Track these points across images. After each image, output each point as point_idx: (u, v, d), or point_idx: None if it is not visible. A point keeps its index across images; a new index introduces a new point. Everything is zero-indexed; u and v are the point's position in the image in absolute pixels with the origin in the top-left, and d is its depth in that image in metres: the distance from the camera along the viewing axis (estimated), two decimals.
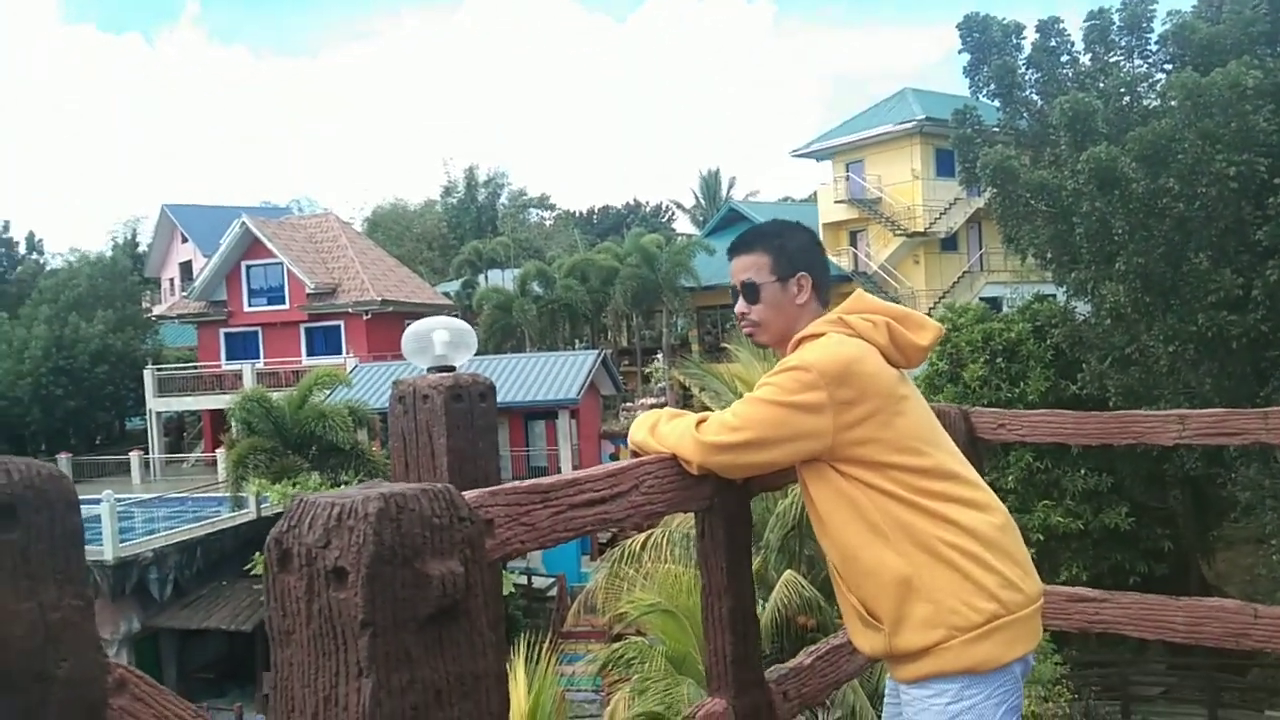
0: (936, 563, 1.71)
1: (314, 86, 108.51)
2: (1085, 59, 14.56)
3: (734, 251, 2.11)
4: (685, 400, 30.92)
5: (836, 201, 36.48)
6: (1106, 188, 11.42)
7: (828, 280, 2.05)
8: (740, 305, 2.05)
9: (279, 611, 1.16)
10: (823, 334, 1.86)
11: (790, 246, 2.04)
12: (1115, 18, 14.09)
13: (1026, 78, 14.82)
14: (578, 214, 69.36)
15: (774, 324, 2.01)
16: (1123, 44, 14.15)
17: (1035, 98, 14.74)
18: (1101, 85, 13.38)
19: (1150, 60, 14.14)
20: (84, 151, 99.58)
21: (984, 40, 14.81)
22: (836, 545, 1.78)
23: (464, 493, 1.25)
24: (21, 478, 1.46)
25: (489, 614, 1.25)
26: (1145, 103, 13.39)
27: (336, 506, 1.11)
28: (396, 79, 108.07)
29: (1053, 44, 14.66)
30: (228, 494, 21.70)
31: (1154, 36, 13.98)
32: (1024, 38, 14.90)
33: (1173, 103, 11.71)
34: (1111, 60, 14.10)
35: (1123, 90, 13.23)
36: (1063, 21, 14.63)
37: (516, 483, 1.41)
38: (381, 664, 1.08)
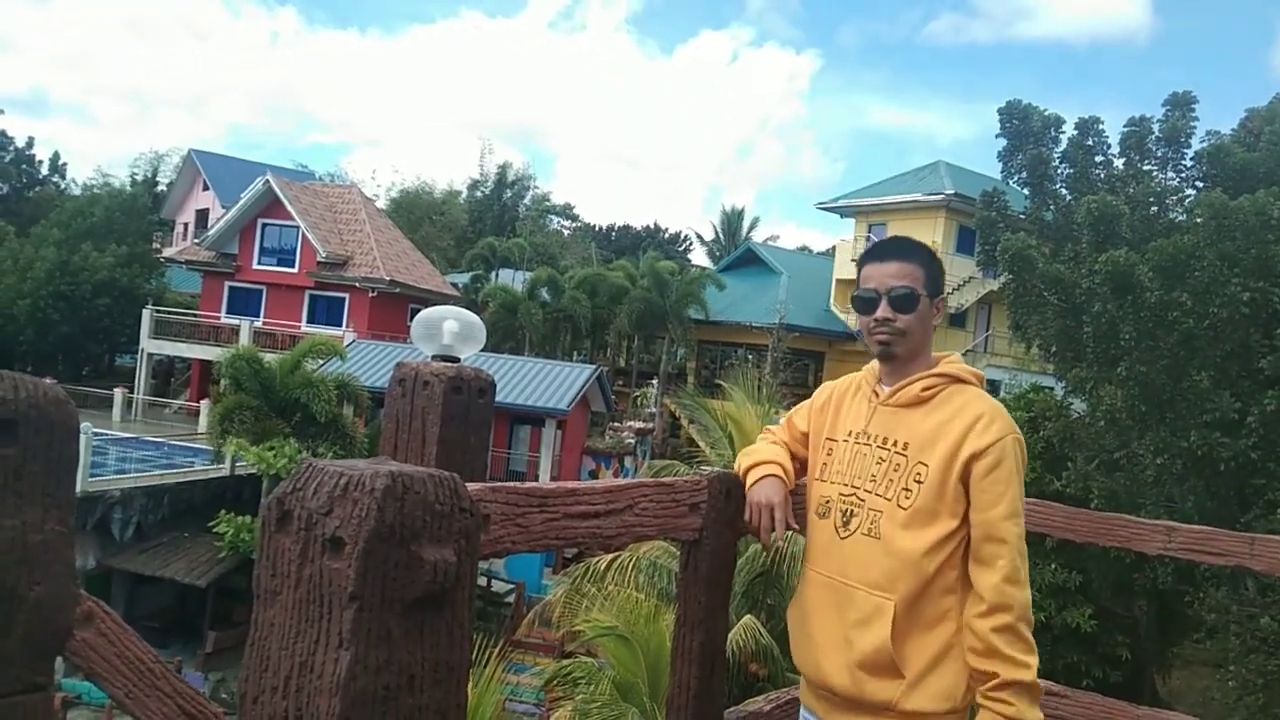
0: (961, 634, 1.80)
1: (363, 59, 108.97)
2: (1119, 163, 14.68)
3: (887, 255, 2.01)
4: (673, 430, 30.88)
5: (854, 260, 36.60)
6: (1120, 292, 11.49)
7: None
8: (884, 310, 1.96)
9: (269, 570, 1.17)
10: (971, 383, 1.97)
11: (938, 268, 2.04)
12: (1155, 128, 14.23)
13: (1059, 171, 14.93)
14: (597, 228, 69.59)
15: (915, 337, 1.97)
16: (1158, 154, 14.28)
17: (1064, 192, 14.84)
18: (1131, 191, 13.48)
19: (1183, 175, 14.27)
20: (130, 79, 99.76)
21: (1023, 128, 14.93)
22: (917, 583, 1.80)
23: (469, 484, 1.26)
24: (27, 396, 1.48)
25: (471, 607, 1.26)
26: (1171, 215, 13.49)
27: (344, 476, 1.12)
28: (447, 68, 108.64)
29: (1089, 143, 14.78)
30: (204, 446, 21.62)
31: (1190, 153, 14.11)
32: (1062, 132, 15.04)
33: (1198, 220, 11.80)
34: (1145, 169, 14.22)
35: (1151, 200, 13.33)
36: (1103, 123, 14.78)
37: (517, 484, 1.42)
38: (363, 639, 1.09)
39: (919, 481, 1.83)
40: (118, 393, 29.16)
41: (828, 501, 1.94)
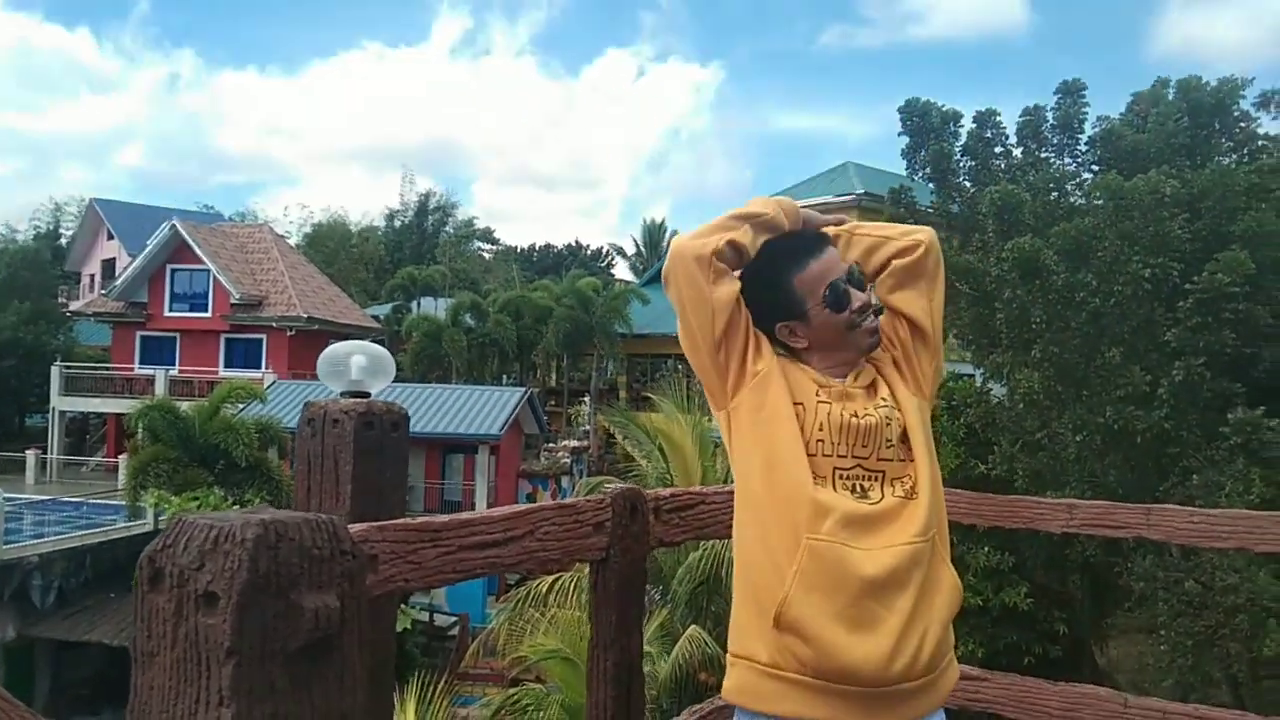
0: None
1: (266, 97, 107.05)
2: (1018, 152, 15.12)
3: (824, 241, 1.81)
4: (608, 446, 30.86)
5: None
6: (1028, 277, 11.82)
7: None
8: (868, 295, 1.78)
9: (145, 633, 1.12)
10: None
11: None
12: (1049, 116, 14.70)
13: (961, 164, 15.32)
14: (519, 249, 69.38)
15: None
16: (1054, 141, 14.75)
17: (967, 184, 15.23)
18: (1031, 179, 13.89)
19: (1079, 160, 14.75)
20: (24, 131, 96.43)
21: (923, 125, 15.29)
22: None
23: (352, 525, 1.23)
24: None
25: (364, 652, 1.23)
26: (1071, 200, 13.93)
27: (214, 529, 1.08)
28: (352, 100, 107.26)
29: (988, 135, 15.19)
30: (125, 503, 20.92)
31: (1083, 138, 14.61)
32: (961, 126, 15.45)
33: (1097, 202, 12.22)
34: (1042, 156, 14.67)
35: (1051, 186, 13.76)
36: (999, 115, 15.20)
37: (407, 519, 1.39)
38: (244, 695, 1.05)
39: (906, 417, 1.73)
40: (30, 454, 28.09)
41: (815, 474, 1.64)
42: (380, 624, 2.29)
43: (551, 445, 31.06)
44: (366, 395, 3.27)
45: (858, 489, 1.66)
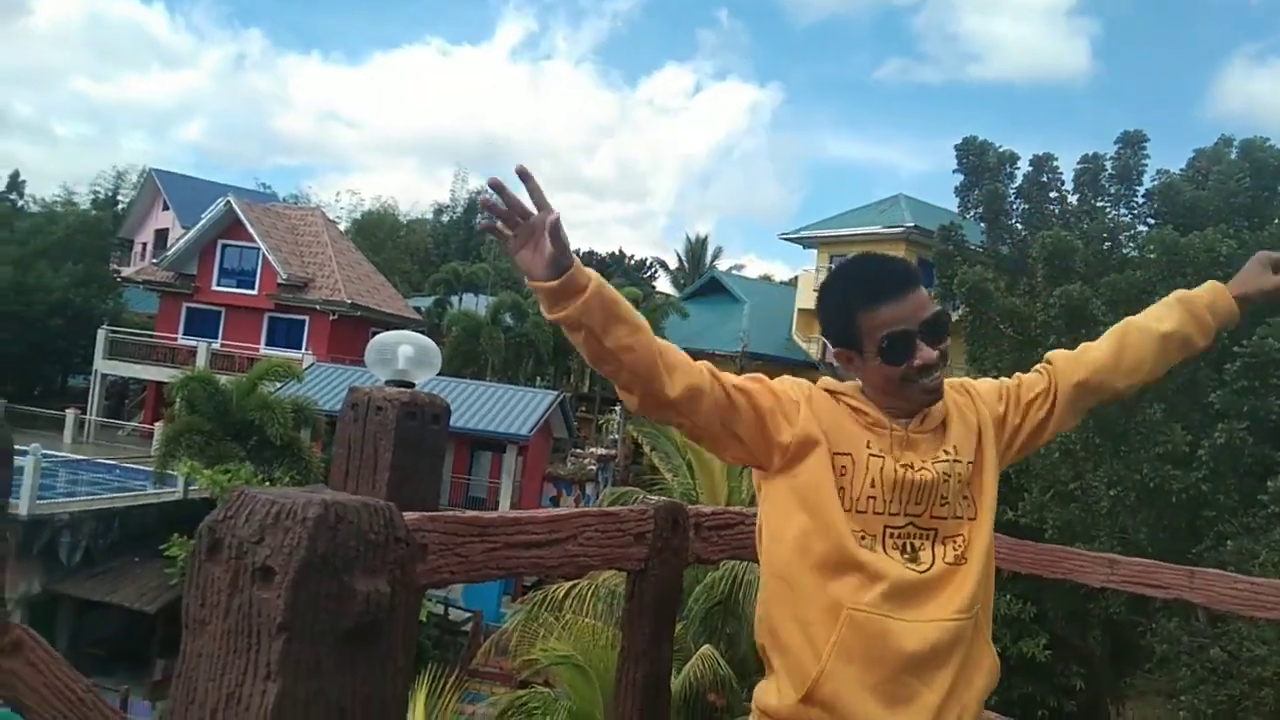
0: None
1: (330, 84, 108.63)
2: (1073, 199, 15.00)
3: (909, 285, 1.66)
4: (635, 457, 30.85)
5: (816, 290, 37.02)
6: (1075, 325, 11.70)
7: None
8: (932, 350, 1.63)
9: (198, 600, 1.14)
10: None
11: None
12: (1108, 165, 14.57)
13: (1014, 206, 15.23)
14: None
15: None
16: (1111, 191, 14.61)
17: (1020, 227, 15.13)
18: (1085, 227, 13.78)
19: (1135, 212, 14.60)
20: (93, 99, 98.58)
21: (979, 164, 15.23)
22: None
23: (406, 514, 1.25)
24: None
25: (405, 639, 1.24)
26: (1124, 251, 13.80)
27: (276, 505, 1.10)
28: (412, 92, 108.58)
29: (1044, 179, 15.10)
30: (153, 469, 21.21)
31: (1141, 190, 14.46)
32: (1017, 168, 15.35)
33: (1150, 255, 12.09)
34: (1098, 205, 14.54)
35: (1104, 235, 13.63)
36: (1057, 160, 15.11)
37: (458, 513, 1.41)
38: (291, 671, 1.07)
39: (981, 485, 1.67)
40: (69, 413, 28.57)
41: (863, 537, 1.57)
42: (409, 610, 2.32)
43: (579, 451, 31.10)
44: (411, 385, 3.30)
45: (908, 549, 1.59)
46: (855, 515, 1.58)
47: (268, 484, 17.15)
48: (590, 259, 70.98)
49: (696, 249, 62.22)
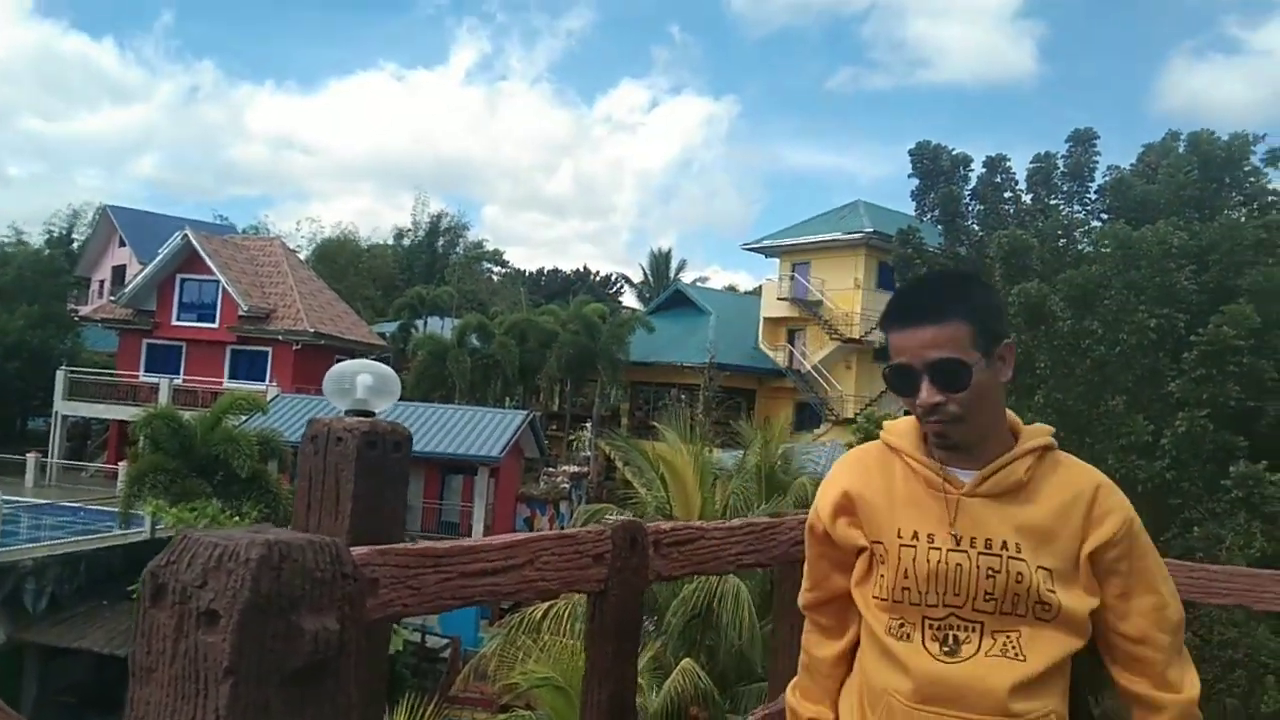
0: None
1: (285, 113, 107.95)
2: (1027, 198, 15.23)
3: (915, 318, 1.53)
4: (608, 473, 30.80)
5: (779, 298, 37.28)
6: (1034, 322, 11.86)
7: None
8: (929, 394, 1.50)
9: (144, 648, 1.13)
10: (1054, 446, 1.59)
11: (989, 305, 1.58)
12: (1060, 164, 14.81)
13: (970, 208, 15.43)
14: (527, 273, 69.68)
15: (981, 416, 1.53)
16: (1064, 189, 14.85)
17: (976, 228, 15.33)
18: (1039, 225, 13.98)
19: (1088, 208, 14.85)
20: (43, 137, 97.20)
21: (933, 168, 15.44)
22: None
23: (354, 549, 1.24)
24: None
25: (360, 675, 1.23)
26: (1079, 247, 14.01)
27: (218, 547, 1.09)
28: (369, 119, 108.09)
29: (998, 180, 15.32)
30: (117, 510, 20.87)
31: (1094, 186, 14.71)
32: (971, 170, 15.56)
33: (1104, 250, 12.28)
34: (1052, 203, 14.77)
35: (1059, 233, 13.84)
36: (1009, 160, 15.34)
37: (409, 544, 1.40)
38: (240, 714, 1.06)
39: (1051, 591, 1.51)
40: (30, 457, 28.08)
41: (901, 625, 1.55)
42: (375, 643, 2.29)
43: (551, 470, 31.00)
44: (371, 414, 3.28)
45: (950, 640, 1.51)
46: (893, 605, 1.56)
47: (236, 519, 16.96)
48: (555, 277, 70.97)
49: (660, 263, 62.43)
